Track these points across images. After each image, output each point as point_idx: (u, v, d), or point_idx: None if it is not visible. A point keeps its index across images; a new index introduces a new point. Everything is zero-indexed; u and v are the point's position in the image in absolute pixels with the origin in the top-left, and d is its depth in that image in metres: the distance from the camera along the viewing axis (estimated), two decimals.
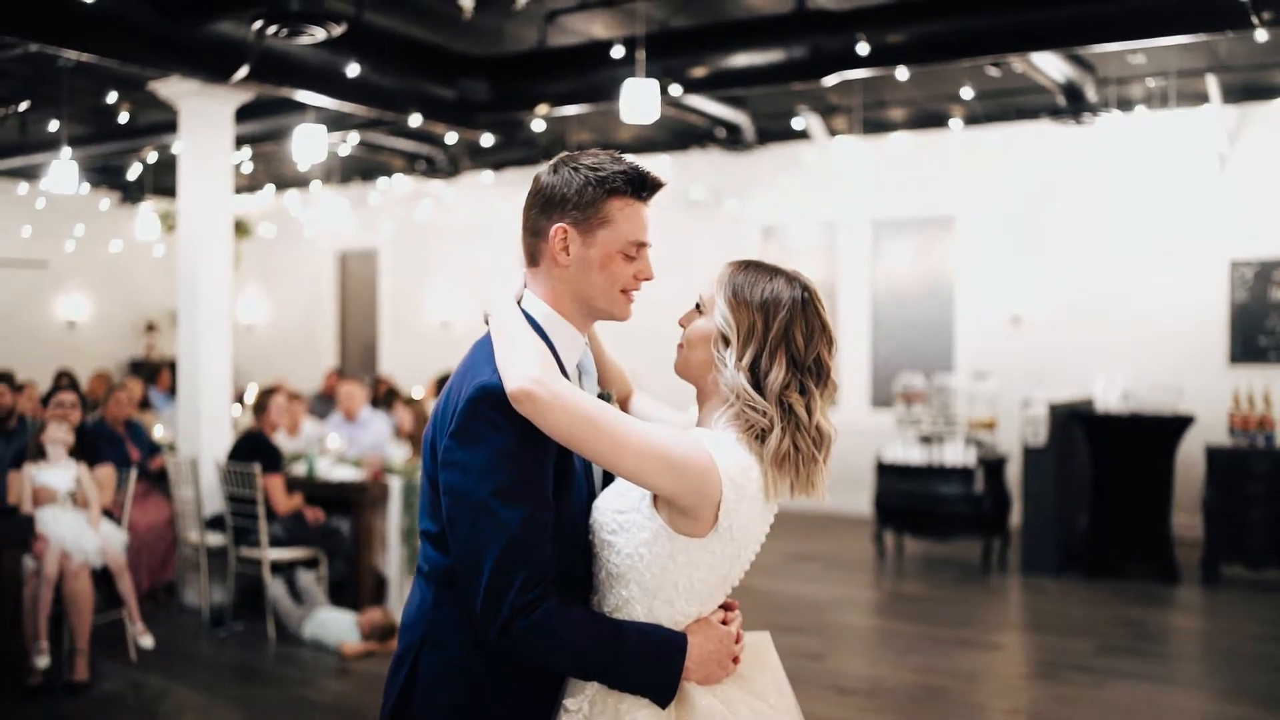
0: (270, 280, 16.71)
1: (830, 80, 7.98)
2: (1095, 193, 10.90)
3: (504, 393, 2.03)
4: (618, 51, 8.00)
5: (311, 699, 6.16)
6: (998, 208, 11.45)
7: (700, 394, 2.29)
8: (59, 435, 6.56)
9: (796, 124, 11.31)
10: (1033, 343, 11.14)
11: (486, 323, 2.24)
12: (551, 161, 2.30)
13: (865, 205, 12.22)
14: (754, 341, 2.17)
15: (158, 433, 9.26)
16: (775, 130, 11.80)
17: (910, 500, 9.66)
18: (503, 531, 2.02)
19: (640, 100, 7.55)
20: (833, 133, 11.80)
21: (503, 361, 2.07)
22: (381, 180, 15.00)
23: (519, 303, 2.26)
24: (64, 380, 10.78)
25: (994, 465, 9.62)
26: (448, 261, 14.81)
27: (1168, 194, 10.62)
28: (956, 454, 9.50)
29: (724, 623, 2.24)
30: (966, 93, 9.91)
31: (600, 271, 2.23)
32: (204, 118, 8.28)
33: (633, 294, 2.31)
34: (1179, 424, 9.09)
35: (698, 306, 2.31)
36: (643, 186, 2.26)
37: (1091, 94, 9.06)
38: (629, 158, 2.32)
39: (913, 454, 9.67)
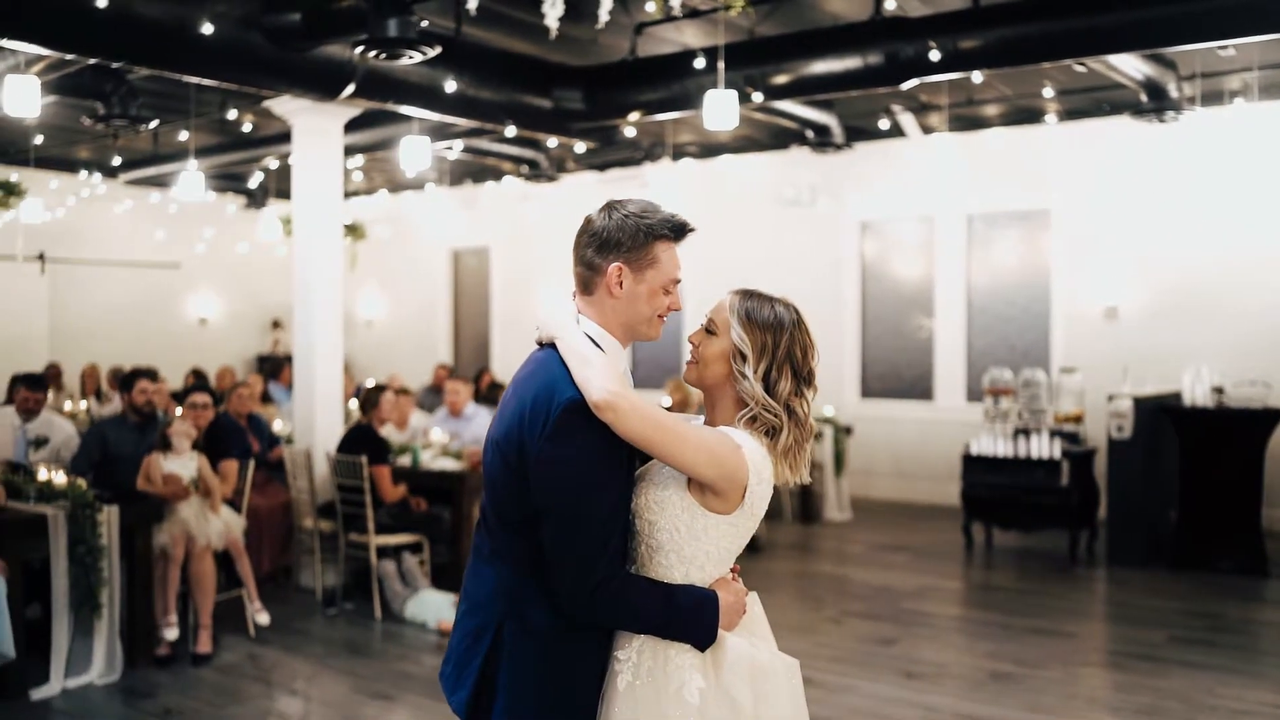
0: (388, 279, 17.44)
1: (907, 85, 8.20)
2: (1189, 186, 10.88)
3: (587, 404, 2.46)
4: (700, 62, 8.33)
5: (409, 672, 6.66)
6: (1093, 202, 11.48)
7: (710, 399, 2.72)
8: (184, 429, 7.18)
9: (883, 124, 11.50)
10: (1127, 336, 11.17)
11: (539, 343, 2.69)
12: (601, 207, 2.72)
13: (960, 200, 12.35)
14: (765, 357, 2.62)
15: (277, 426, 9.89)
16: (867, 130, 12.00)
17: (997, 492, 9.83)
18: (593, 519, 2.47)
19: (721, 108, 7.91)
20: (927, 130, 11.96)
21: (581, 378, 2.50)
22: (490, 183, 15.58)
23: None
24: (194, 380, 11.55)
25: (1081, 458, 9.73)
26: (555, 260, 15.28)
27: (1259, 188, 10.57)
28: (1043, 447, 9.63)
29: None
30: (1054, 89, 10.01)
31: (646, 303, 2.67)
32: (314, 132, 8.88)
33: (665, 320, 2.74)
34: (1270, 417, 9.10)
35: (709, 328, 2.71)
36: (681, 232, 2.70)
37: (1174, 90, 9.09)
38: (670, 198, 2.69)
39: (1000, 446, 9.82)
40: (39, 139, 12.13)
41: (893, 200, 12.86)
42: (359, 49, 6.92)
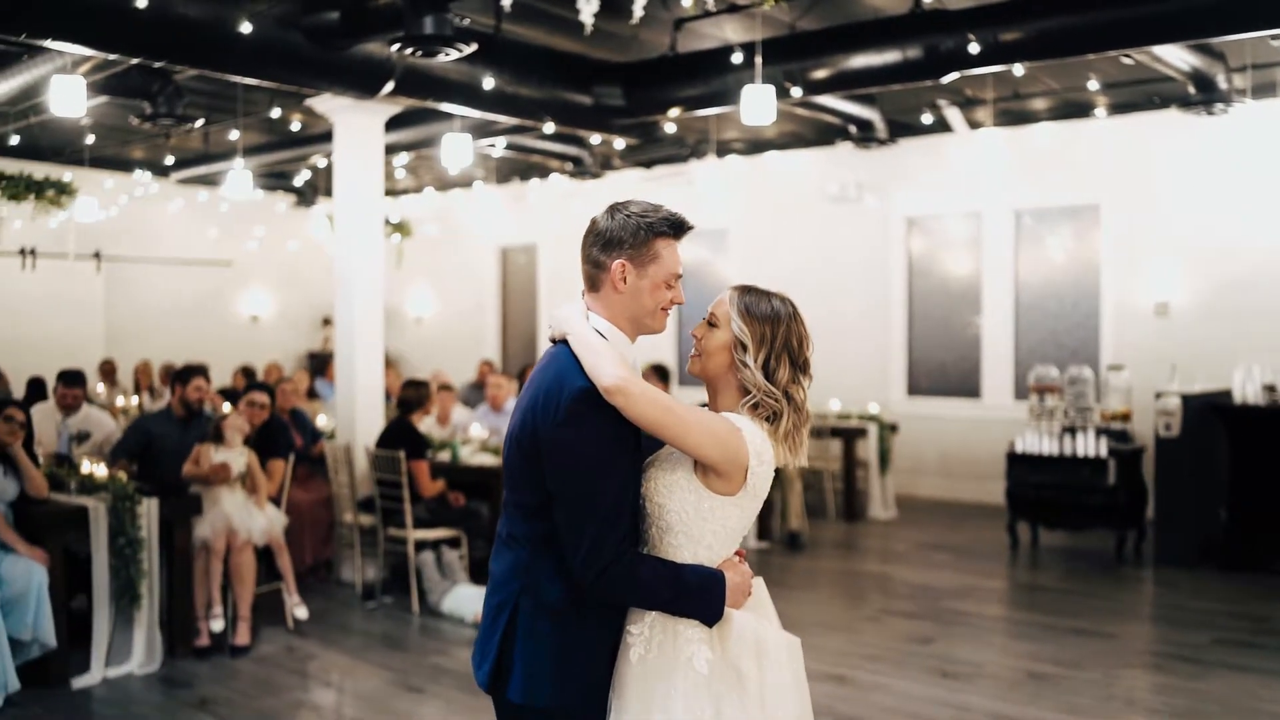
0: (437, 276, 17.55)
1: (948, 79, 8.12)
2: (1241, 180, 10.67)
3: (597, 391, 2.60)
4: (738, 57, 8.30)
5: (444, 665, 6.70)
6: (1143, 196, 11.29)
7: (713, 389, 2.85)
8: (238, 423, 7.28)
9: (926, 119, 11.39)
10: (1178, 333, 10.98)
11: (552, 340, 2.83)
12: (605, 209, 2.85)
13: (1008, 196, 12.20)
14: (764, 347, 2.76)
15: (321, 421, 9.99)
16: (911, 125, 11.90)
17: (1042, 491, 9.70)
18: (604, 499, 2.60)
19: (758, 104, 7.88)
20: (973, 125, 11.83)
21: (593, 367, 2.63)
22: (535, 180, 15.64)
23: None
24: (245, 378, 11.71)
25: (1129, 457, 9.58)
26: None
27: None
28: (1089, 445, 9.49)
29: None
30: (1101, 82, 9.87)
31: (650, 296, 2.81)
32: (356, 129, 8.96)
33: (669, 313, 2.87)
34: None
35: (711, 321, 2.84)
36: (681, 230, 2.83)
37: (1223, 82, 8.92)
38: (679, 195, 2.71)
39: (1045, 444, 9.69)
40: (90, 139, 12.33)
41: (939, 196, 12.74)
42: (395, 46, 6.98)
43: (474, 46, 7.09)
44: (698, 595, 2.64)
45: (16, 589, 6.00)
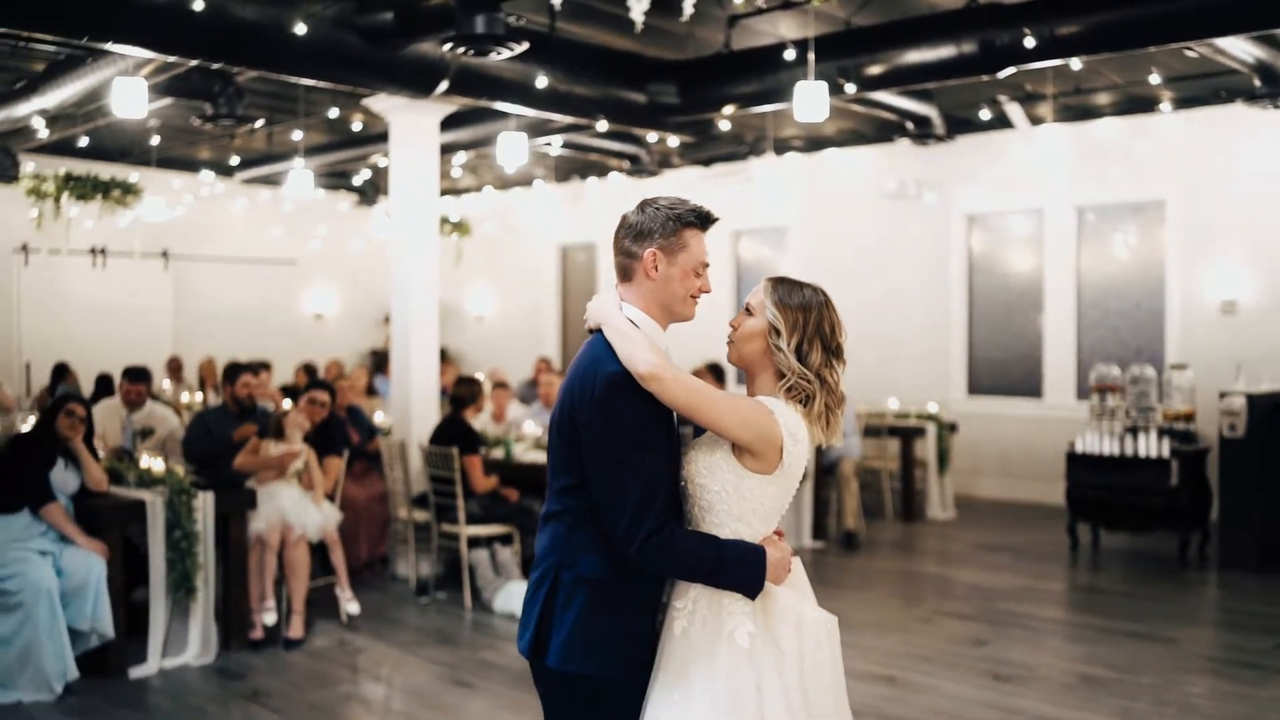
0: (498, 275, 17.65)
1: (1004, 74, 8.02)
2: None
3: (630, 375, 2.75)
4: (790, 54, 8.26)
5: (493, 661, 6.74)
6: (1210, 192, 11.05)
7: (750, 374, 2.98)
8: (299, 420, 7.39)
9: (983, 115, 11.26)
10: (1245, 331, 10.74)
11: (588, 330, 2.96)
12: (636, 205, 2.99)
13: (1070, 192, 12.01)
14: (797, 332, 2.88)
15: (379, 418, 10.09)
16: (970, 121, 11.76)
17: (1103, 492, 9.54)
18: (641, 475, 2.74)
19: (811, 100, 7.83)
20: (1035, 120, 11.67)
21: (627, 355, 2.77)
22: (594, 178, 15.68)
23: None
24: (307, 376, 11.85)
25: (1192, 457, 9.39)
26: None
27: None
28: (1151, 445, 9.31)
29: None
30: (1164, 76, 9.69)
31: (680, 283, 2.94)
32: (411, 129, 9.04)
33: (698, 300, 3.00)
34: None
35: (748, 310, 2.97)
36: (707, 221, 2.98)
37: None
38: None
39: (1106, 445, 9.53)
40: (156, 140, 12.56)
41: (1000, 193, 12.57)
42: (447, 46, 7.03)
43: (525, 45, 7.12)
44: (738, 567, 2.75)
45: (76, 580, 6.14)
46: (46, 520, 6.23)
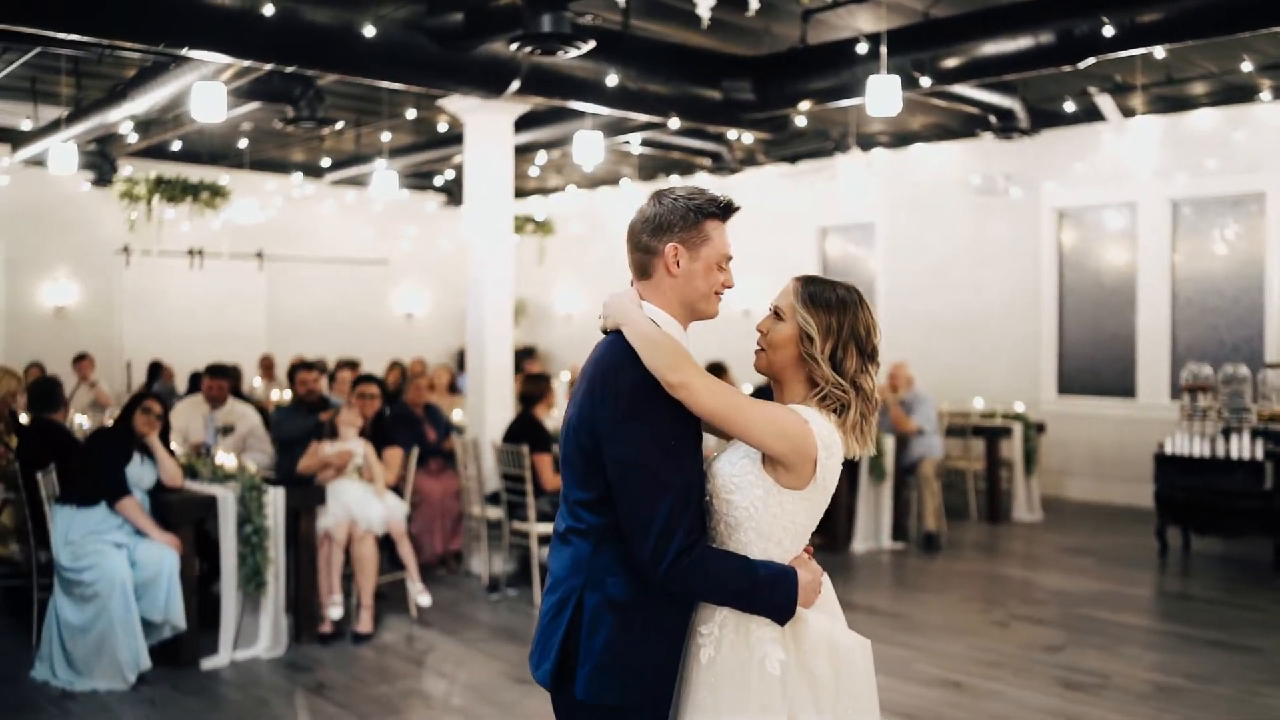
0: (586, 273, 17.73)
1: (1084, 64, 7.80)
2: None
3: (655, 381, 2.57)
4: (862, 48, 8.14)
5: None
6: None
7: (779, 383, 2.78)
8: (350, 418, 7.49)
9: (1068, 107, 10.98)
10: None
11: (603, 330, 2.77)
12: (650, 197, 2.81)
13: (1164, 185, 11.65)
14: (831, 338, 2.69)
15: (457, 416, 10.19)
16: (1057, 113, 11.48)
17: (1194, 495, 9.23)
18: (670, 489, 2.55)
19: (884, 94, 7.72)
20: (1126, 112, 11.34)
21: (653, 360, 2.58)
22: (677, 176, 15.66)
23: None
24: (396, 375, 12.05)
25: None
26: (747, 252, 15.15)
27: None
28: (1244, 447, 8.98)
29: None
30: (1258, 64, 9.36)
31: (703, 279, 2.76)
32: (485, 129, 9.12)
33: (721, 297, 2.81)
34: None
35: (776, 313, 2.77)
36: (729, 211, 2.80)
37: None
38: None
39: (1197, 446, 9.22)
40: (244, 143, 12.85)
41: (1091, 187, 12.24)
42: (514, 45, 7.07)
43: (592, 44, 7.13)
44: (769, 590, 2.58)
45: (149, 572, 6.30)
46: (122, 514, 6.39)
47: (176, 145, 12.47)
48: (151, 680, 6.22)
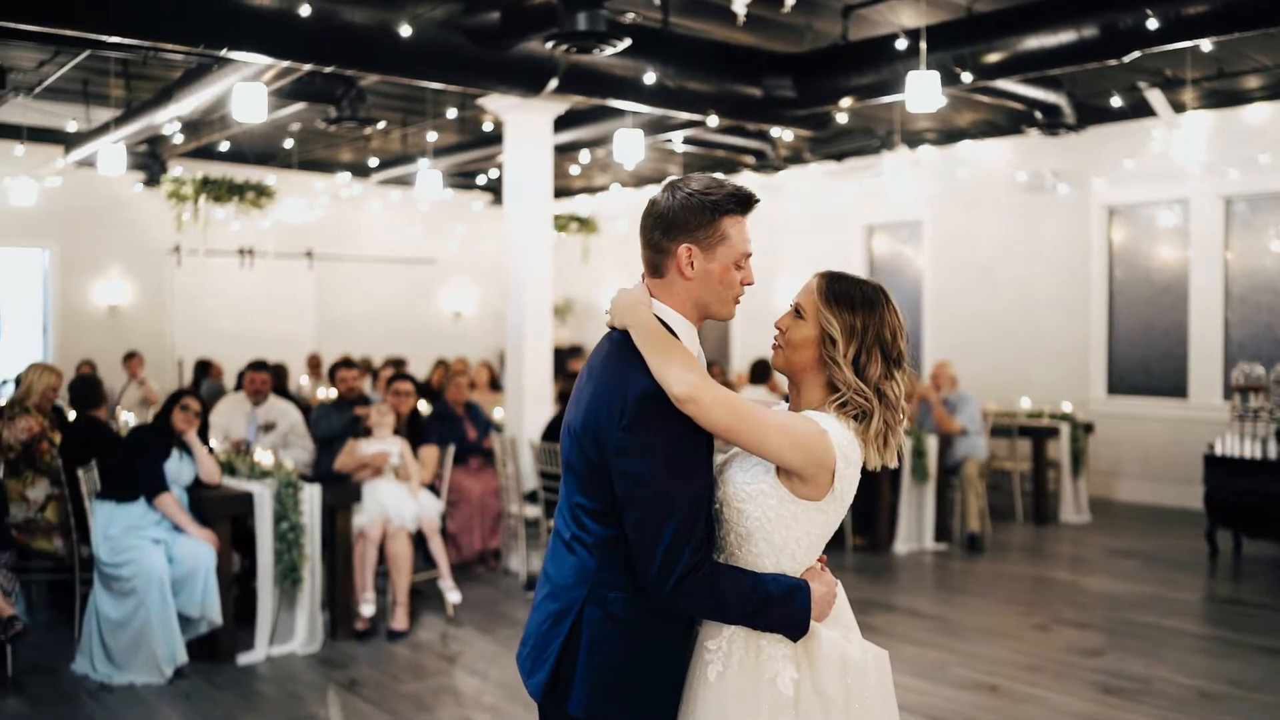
0: (633, 271, 17.61)
1: (1129, 58, 7.67)
2: None
3: (665, 394, 2.42)
4: (902, 43, 8.05)
5: None
6: None
7: (795, 384, 2.66)
8: (384, 416, 7.53)
9: (1115, 102, 10.80)
10: None
11: (610, 326, 2.64)
12: (664, 186, 2.64)
13: (1217, 182, 11.42)
14: (855, 341, 2.55)
15: (498, 414, 10.20)
16: (1105, 109, 11.29)
17: (1244, 497, 9.04)
18: (678, 506, 2.42)
19: (924, 90, 7.63)
20: (1177, 107, 11.14)
21: (661, 369, 2.45)
22: (722, 174, 15.57)
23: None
24: (441, 374, 12.11)
25: None
26: (790, 250, 15.09)
27: None
28: None
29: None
30: None
31: (720, 281, 2.60)
32: (525, 127, 9.12)
33: (739, 299, 2.66)
34: None
35: (797, 311, 2.63)
36: (748, 205, 2.61)
37: None
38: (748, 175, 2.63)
39: (1248, 447, 9.03)
40: (289, 143, 12.97)
41: (1142, 183, 12.03)
42: (550, 44, 7.07)
43: (628, 41, 7.12)
44: (782, 607, 2.47)
45: (186, 568, 6.37)
46: (160, 510, 6.47)
47: (224, 146, 12.60)
48: (188, 675, 6.29)
